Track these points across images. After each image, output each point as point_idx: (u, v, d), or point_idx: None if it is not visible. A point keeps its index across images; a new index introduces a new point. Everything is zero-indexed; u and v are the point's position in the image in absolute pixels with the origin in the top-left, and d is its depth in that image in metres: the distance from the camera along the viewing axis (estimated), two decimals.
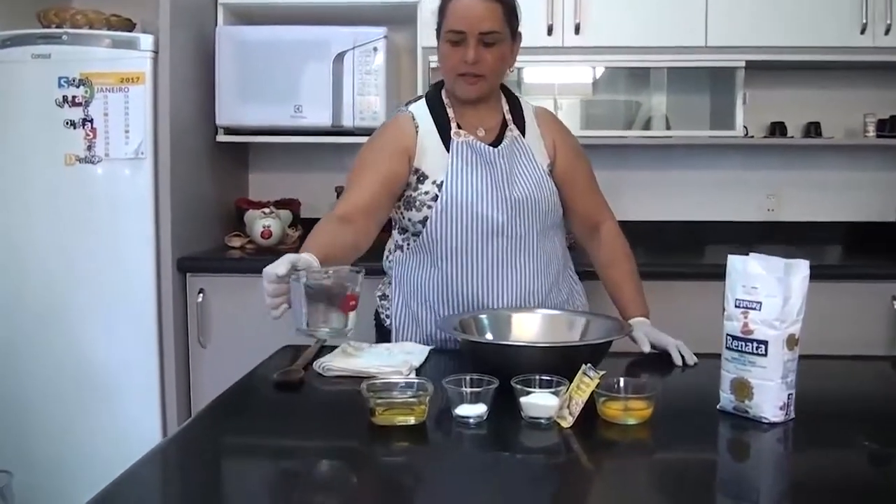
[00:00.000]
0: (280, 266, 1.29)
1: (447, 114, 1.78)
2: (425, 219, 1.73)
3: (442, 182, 1.72)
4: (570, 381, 1.27)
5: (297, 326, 1.31)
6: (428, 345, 1.69)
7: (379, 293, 1.94)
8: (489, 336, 1.59)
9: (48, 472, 2.58)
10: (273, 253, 2.82)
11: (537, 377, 1.29)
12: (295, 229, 2.97)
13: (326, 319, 1.30)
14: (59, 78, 2.57)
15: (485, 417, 1.25)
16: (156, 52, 2.57)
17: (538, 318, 1.66)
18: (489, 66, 1.70)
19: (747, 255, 1.31)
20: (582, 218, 1.90)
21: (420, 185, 1.74)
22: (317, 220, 1.64)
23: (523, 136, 1.81)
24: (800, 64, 2.94)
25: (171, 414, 2.65)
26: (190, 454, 1.19)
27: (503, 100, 1.84)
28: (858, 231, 3.22)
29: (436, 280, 1.77)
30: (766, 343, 1.26)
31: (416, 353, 1.65)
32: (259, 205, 2.95)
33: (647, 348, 1.66)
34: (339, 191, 2.97)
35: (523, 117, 1.84)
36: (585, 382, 1.26)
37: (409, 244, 1.81)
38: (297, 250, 1.42)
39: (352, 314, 1.32)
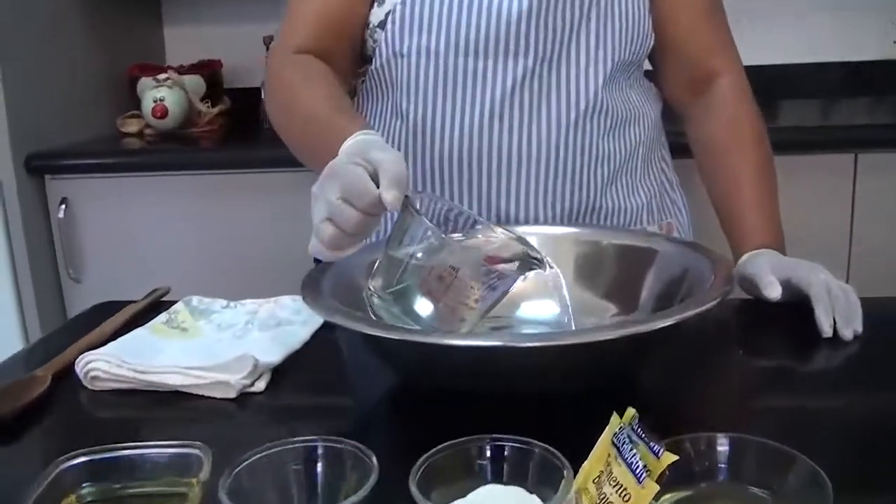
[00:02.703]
0: (392, 188, 0.71)
1: None
2: (388, 16, 1.01)
3: None
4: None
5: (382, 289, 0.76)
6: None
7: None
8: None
9: None
10: (177, 140, 2.05)
11: (509, 444, 0.53)
12: (211, 104, 2.15)
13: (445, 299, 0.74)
14: None
15: None
16: None
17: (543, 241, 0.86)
18: None
19: None
20: (685, 62, 1.11)
21: None
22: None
23: None
24: None
25: None
26: None
27: None
28: None
29: (401, 141, 1.04)
30: None
31: (296, 328, 0.91)
32: (155, 69, 2.13)
33: (775, 293, 0.90)
34: (270, 42, 2.14)
35: None
36: (615, 476, 0.48)
37: (362, 84, 1.10)
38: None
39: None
